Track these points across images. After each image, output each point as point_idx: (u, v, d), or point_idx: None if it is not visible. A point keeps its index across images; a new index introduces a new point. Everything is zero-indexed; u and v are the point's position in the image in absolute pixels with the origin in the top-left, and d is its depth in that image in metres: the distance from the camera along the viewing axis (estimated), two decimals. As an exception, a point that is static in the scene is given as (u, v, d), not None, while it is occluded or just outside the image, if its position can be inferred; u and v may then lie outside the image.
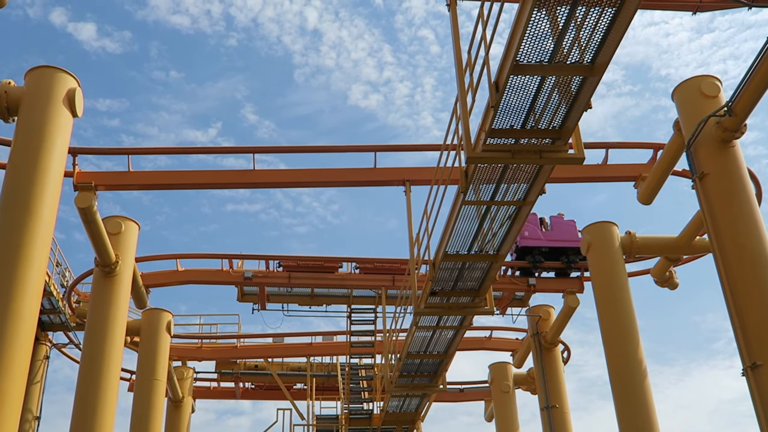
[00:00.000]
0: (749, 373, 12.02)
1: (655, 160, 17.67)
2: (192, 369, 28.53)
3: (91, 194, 16.47)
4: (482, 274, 13.93)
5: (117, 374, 17.06)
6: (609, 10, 7.87)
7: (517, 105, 9.18)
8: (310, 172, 17.76)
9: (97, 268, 17.60)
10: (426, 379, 19.98)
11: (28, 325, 11.52)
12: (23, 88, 13.27)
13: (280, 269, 23.18)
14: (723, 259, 12.87)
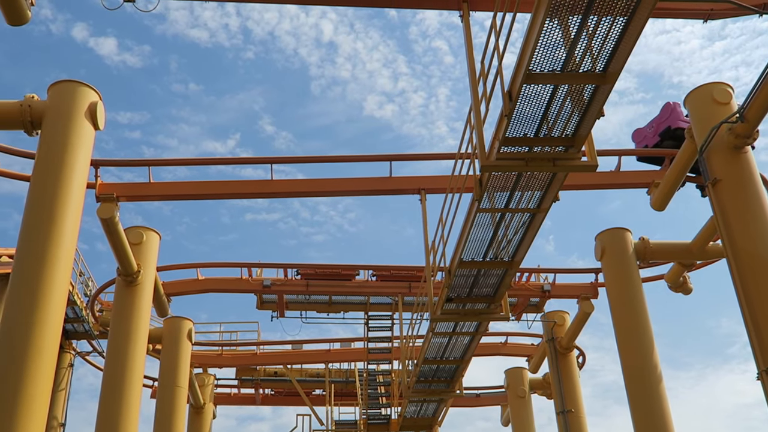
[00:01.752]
0: (764, 377, 11.95)
1: (667, 166, 17.58)
2: (213, 376, 28.60)
3: (113, 205, 16.56)
4: (497, 280, 13.89)
5: (140, 381, 17.11)
6: (620, 19, 7.84)
7: (530, 113, 9.16)
8: (327, 182, 17.79)
9: (120, 277, 17.69)
10: (443, 384, 19.93)
11: (53, 334, 11.58)
12: (46, 102, 13.37)
13: (298, 277, 23.21)
14: (737, 264, 12.80)
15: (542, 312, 24.57)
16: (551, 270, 23.92)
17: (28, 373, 10.97)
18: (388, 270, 23.49)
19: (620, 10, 7.73)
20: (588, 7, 7.73)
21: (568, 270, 23.95)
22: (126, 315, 17.34)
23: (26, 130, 13.42)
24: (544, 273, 23.97)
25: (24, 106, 13.30)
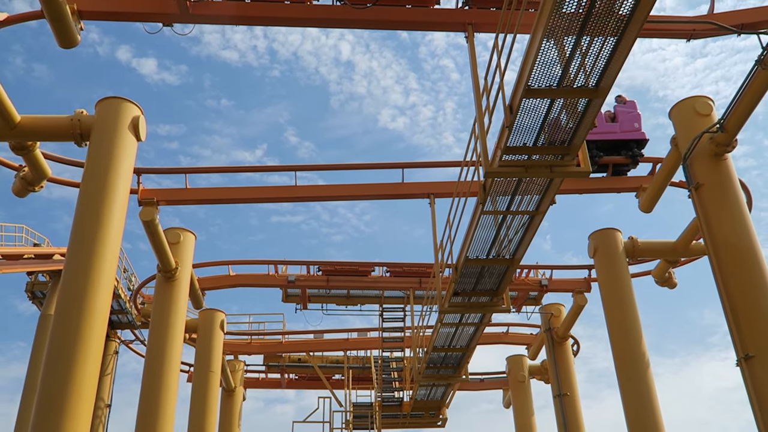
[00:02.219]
0: (743, 363, 11.88)
1: (654, 172, 17.51)
2: (243, 362, 28.64)
3: (154, 209, 16.65)
4: (500, 276, 13.88)
5: (177, 367, 17.18)
6: (611, 39, 7.84)
7: (529, 125, 9.17)
8: (345, 187, 17.82)
9: (159, 273, 17.78)
10: (450, 370, 19.91)
11: (100, 324, 11.65)
12: (94, 116, 13.44)
13: (319, 273, 23.25)
14: (718, 261, 12.74)
15: (540, 305, 24.52)
16: (548, 266, 23.86)
17: (78, 359, 11.04)
18: (401, 267, 23.50)
19: (611, 31, 7.73)
20: (581, 29, 7.73)
21: (564, 266, 23.88)
22: (165, 307, 17.42)
23: (76, 141, 13.49)
24: (542, 269, 23.90)
25: (74, 120, 13.38)
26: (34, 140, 14.12)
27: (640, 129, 18.61)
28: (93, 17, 12.25)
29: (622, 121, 18.83)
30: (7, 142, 14.01)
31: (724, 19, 12.96)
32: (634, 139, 18.49)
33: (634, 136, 18.53)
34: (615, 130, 18.57)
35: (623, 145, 18.37)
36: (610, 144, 18.30)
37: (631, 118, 18.90)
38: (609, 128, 18.61)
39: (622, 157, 18.44)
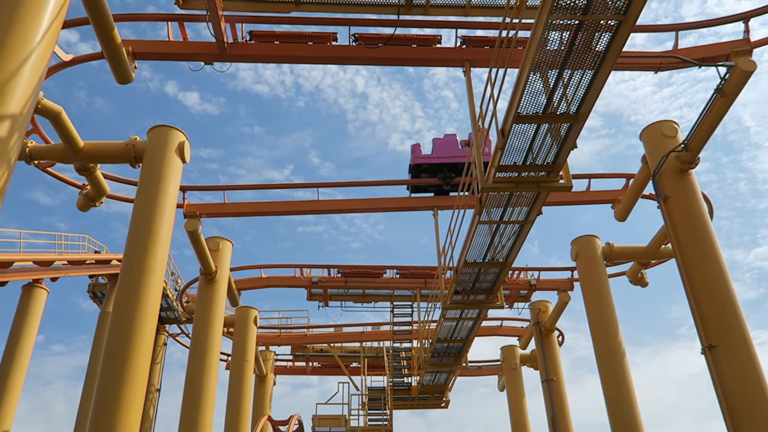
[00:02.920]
0: (707, 352, 11.83)
1: (627, 186, 17.44)
2: (273, 352, 28.65)
3: (197, 221, 16.72)
4: (494, 277, 13.82)
5: (217, 357, 17.20)
6: (589, 72, 7.83)
7: (519, 146, 9.15)
8: (360, 201, 17.84)
9: (202, 276, 17.83)
10: (452, 358, 19.80)
11: (151, 320, 11.69)
12: (146, 142, 13.54)
13: (338, 275, 23.24)
14: (684, 263, 12.68)
15: (530, 301, 24.39)
16: (536, 268, 23.75)
17: (132, 349, 11.08)
18: (409, 269, 23.47)
19: (588, 65, 7.73)
20: (563, 64, 7.73)
21: (550, 268, 23.78)
22: (206, 305, 17.46)
23: (131, 163, 13.59)
24: (531, 271, 23.79)
25: (129, 145, 13.49)
26: (95, 163, 14.25)
27: (489, 153, 18.38)
28: (145, 57, 12.36)
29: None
30: (72, 164, 14.15)
31: (686, 53, 12.93)
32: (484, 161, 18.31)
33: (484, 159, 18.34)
34: (466, 154, 18.50)
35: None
36: (461, 166, 18.22)
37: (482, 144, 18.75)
38: (462, 152, 18.67)
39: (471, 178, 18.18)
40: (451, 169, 18.22)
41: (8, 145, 7.24)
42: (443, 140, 19.05)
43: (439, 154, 18.42)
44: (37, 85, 7.78)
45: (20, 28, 7.61)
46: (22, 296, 21.58)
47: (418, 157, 18.18)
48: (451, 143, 19.02)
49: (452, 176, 18.15)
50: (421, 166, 18.06)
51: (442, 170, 18.16)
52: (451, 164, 18.20)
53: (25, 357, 20.67)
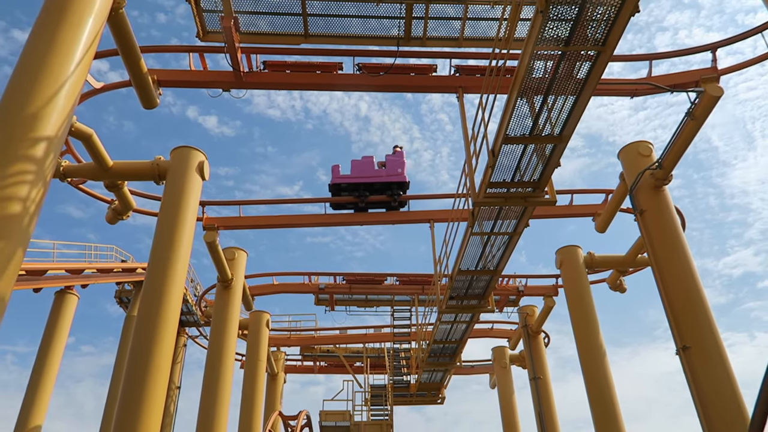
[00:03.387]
0: (681, 353, 11.76)
1: (607, 201, 17.43)
2: (284, 353, 28.51)
3: (215, 233, 16.72)
4: (486, 283, 13.78)
5: (232, 356, 17.12)
6: (571, 98, 7.86)
7: (507, 165, 9.16)
8: (364, 215, 17.83)
9: (219, 283, 17.80)
10: (447, 358, 19.69)
11: (172, 323, 11.66)
12: (169, 161, 13.57)
13: (344, 282, 23.19)
14: (659, 270, 12.64)
15: (518, 306, 24.31)
16: (524, 276, 23.69)
17: (155, 350, 11.04)
18: (408, 277, 23.41)
19: (571, 91, 7.75)
20: (547, 90, 7.76)
21: (536, 276, 23.68)
22: (223, 309, 17.41)
23: (155, 180, 13.61)
24: (519, 278, 23.73)
25: (154, 164, 13.52)
26: (123, 180, 14.27)
27: (402, 174, 18.13)
28: (168, 85, 12.42)
29: (389, 168, 18.43)
30: (102, 181, 14.17)
31: (660, 80, 12.97)
32: (396, 181, 18.08)
33: (396, 179, 18.09)
34: (382, 174, 18.16)
35: (387, 187, 18.00)
36: (376, 186, 17.93)
37: (396, 165, 18.42)
38: (377, 173, 18.26)
39: (385, 196, 17.98)
40: (367, 188, 17.90)
41: (44, 164, 7.26)
42: (361, 162, 18.67)
43: (356, 174, 18.05)
44: (71, 110, 7.82)
45: (56, 58, 7.67)
46: (54, 302, 21.55)
47: (336, 177, 17.97)
48: (368, 164, 18.65)
49: (367, 195, 17.83)
50: (340, 185, 17.78)
51: (358, 189, 17.90)
52: (367, 184, 17.91)
53: (57, 357, 20.61)
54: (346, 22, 11.74)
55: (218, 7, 11.20)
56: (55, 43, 7.74)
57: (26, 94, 7.32)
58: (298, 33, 11.91)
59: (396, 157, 18.67)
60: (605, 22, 6.94)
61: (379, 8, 11.37)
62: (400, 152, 19.01)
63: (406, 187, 18.09)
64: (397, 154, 18.94)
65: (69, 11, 8.05)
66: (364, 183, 17.89)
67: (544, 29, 7.00)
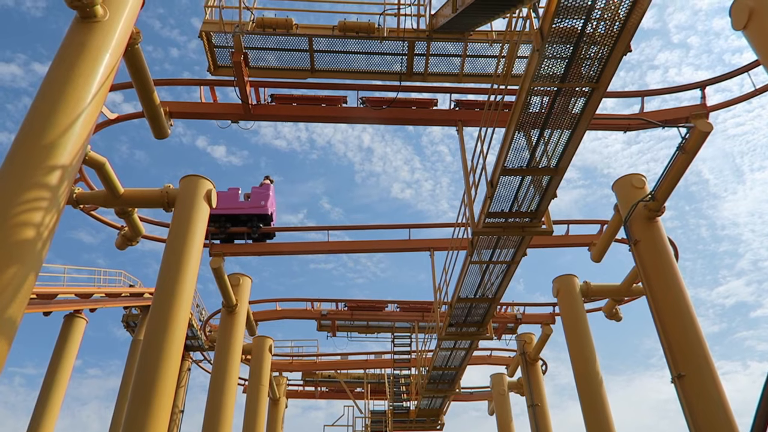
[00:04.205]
0: (676, 380, 11.61)
1: (602, 231, 17.43)
2: (285, 378, 28.21)
3: (220, 259, 16.68)
4: (484, 311, 13.72)
5: (236, 381, 16.92)
6: (566, 131, 7.94)
7: (505, 195, 9.21)
8: (366, 243, 17.84)
9: (223, 308, 17.70)
10: (446, 385, 19.48)
11: (178, 347, 11.57)
12: (178, 189, 13.61)
13: (345, 308, 23.05)
14: (653, 300, 12.57)
15: (516, 333, 24.11)
16: (522, 304, 23.57)
17: (160, 373, 10.93)
18: (408, 304, 23.26)
19: (566, 125, 7.84)
20: (544, 124, 7.85)
21: (534, 304, 23.56)
22: (227, 334, 17.27)
23: (164, 208, 13.63)
24: (517, 306, 23.62)
25: (163, 192, 13.57)
26: (133, 207, 14.31)
27: (265, 206, 17.89)
28: (180, 117, 12.57)
29: (253, 200, 18.23)
30: (113, 208, 14.23)
31: (651, 116, 13.11)
32: (257, 214, 17.89)
33: (258, 211, 17.93)
34: (245, 206, 17.88)
35: (249, 219, 17.78)
36: (237, 218, 17.65)
37: (260, 198, 18.18)
38: (240, 205, 17.98)
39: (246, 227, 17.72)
40: (229, 219, 17.68)
41: (59, 192, 7.32)
42: (226, 193, 18.40)
43: (220, 206, 17.64)
44: (86, 140, 7.91)
45: (74, 90, 7.79)
46: (63, 325, 21.43)
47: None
48: (232, 196, 18.44)
49: (229, 226, 17.55)
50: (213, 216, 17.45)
51: (219, 221, 17.67)
52: (229, 215, 17.67)
53: (64, 380, 20.41)
54: (350, 58, 11.93)
55: (229, 43, 11.40)
56: (73, 76, 7.87)
57: (44, 125, 7.42)
58: (305, 68, 12.10)
59: (262, 190, 18.49)
60: (599, 60, 7.05)
61: (382, 45, 11.57)
62: (267, 185, 18.87)
63: (270, 220, 17.83)
64: (264, 186, 18.78)
65: (87, 46, 8.21)
66: (226, 215, 17.68)
67: (540, 67, 7.12)
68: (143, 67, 10.50)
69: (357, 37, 11.36)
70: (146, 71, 10.65)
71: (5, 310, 6.54)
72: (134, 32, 9.54)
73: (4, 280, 6.57)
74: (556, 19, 6.58)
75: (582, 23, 6.66)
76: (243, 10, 11.03)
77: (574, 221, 18.09)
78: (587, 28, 6.70)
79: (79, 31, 8.37)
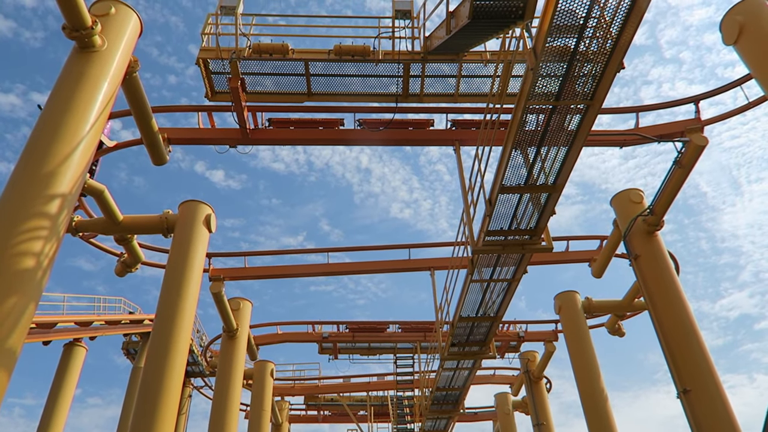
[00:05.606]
0: (682, 396, 11.51)
1: (602, 247, 17.42)
2: (288, 402, 27.93)
3: (221, 284, 16.64)
4: (486, 330, 13.64)
5: (237, 407, 16.75)
6: (563, 148, 7.97)
7: (504, 213, 9.21)
8: (366, 264, 17.81)
9: (224, 333, 17.60)
10: (450, 405, 19.29)
11: (178, 374, 11.48)
12: (177, 215, 13.64)
13: (346, 330, 22.93)
14: (656, 314, 12.51)
15: (519, 351, 23.96)
16: (524, 321, 23.48)
17: (161, 401, 10.82)
18: (410, 324, 23.16)
19: (562, 142, 7.88)
20: (540, 141, 7.89)
21: (536, 321, 23.46)
22: (228, 359, 17.15)
23: (163, 234, 13.65)
24: (519, 324, 23.52)
25: (162, 217, 13.59)
26: (133, 234, 14.30)
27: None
28: (178, 143, 12.63)
29: None
30: (112, 235, 14.22)
31: (647, 131, 13.19)
32: None
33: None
34: None
35: None
36: None
37: None
38: None
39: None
40: None
41: (58, 221, 7.32)
42: None
43: None
44: (85, 168, 7.94)
45: (73, 119, 7.84)
46: (63, 354, 21.26)
47: None
48: None
49: None
50: None
51: None
52: None
53: (64, 410, 20.17)
54: (347, 81, 12.04)
55: (226, 69, 11.51)
56: (72, 105, 7.93)
57: (43, 154, 7.45)
58: (302, 92, 12.20)
59: None
60: (593, 77, 7.12)
61: (378, 67, 11.68)
62: None
63: None
64: None
65: (86, 76, 8.29)
66: None
67: (535, 85, 7.18)
68: (141, 95, 10.58)
69: (352, 60, 11.48)
70: (144, 99, 10.73)
71: (5, 341, 6.50)
72: (132, 61, 9.64)
73: (4, 310, 6.54)
74: (549, 38, 6.66)
75: (575, 42, 6.73)
76: (239, 37, 11.16)
77: (573, 237, 18.08)
78: (580, 46, 6.77)
79: (77, 61, 8.45)
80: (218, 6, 11.19)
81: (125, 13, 9.39)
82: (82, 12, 8.29)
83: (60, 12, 8.21)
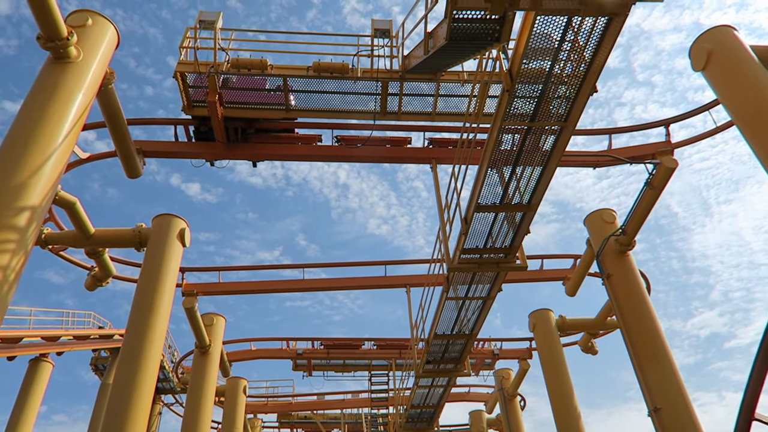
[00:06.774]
0: (653, 414, 11.62)
1: (575, 266, 17.62)
2: (260, 420, 27.49)
3: (194, 299, 16.39)
4: (461, 347, 13.66)
5: (208, 425, 16.41)
6: (538, 168, 8.09)
7: (480, 231, 9.28)
8: (342, 280, 17.72)
9: (196, 349, 17.29)
10: (425, 423, 19.18)
11: (148, 390, 11.22)
12: (151, 229, 13.43)
13: (321, 347, 22.74)
14: (628, 333, 12.66)
15: (494, 369, 23.99)
16: (499, 339, 23.55)
17: (130, 418, 10.54)
18: (385, 341, 23.07)
19: (537, 162, 8.00)
20: (516, 161, 8.00)
21: (511, 339, 23.56)
22: (200, 376, 16.82)
23: (136, 247, 13.42)
24: (494, 341, 23.56)
25: (135, 231, 13.38)
26: (105, 247, 14.04)
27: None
28: (153, 156, 12.47)
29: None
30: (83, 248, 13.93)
31: (619, 152, 13.44)
32: None
33: None
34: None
35: None
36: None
37: None
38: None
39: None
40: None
41: (27, 234, 7.15)
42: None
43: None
44: (57, 180, 7.79)
45: (45, 130, 7.71)
46: (28, 370, 20.65)
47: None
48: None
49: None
50: None
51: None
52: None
53: (28, 427, 19.54)
54: (326, 98, 12.07)
55: (204, 83, 11.45)
56: (45, 116, 7.79)
57: (14, 165, 7.30)
58: (280, 107, 12.18)
59: None
60: (567, 99, 7.26)
61: (356, 85, 11.74)
62: None
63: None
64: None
65: (60, 87, 8.16)
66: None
67: (510, 106, 7.29)
68: (117, 107, 10.44)
69: (331, 77, 11.52)
70: (120, 111, 10.59)
71: (-33, 356, 6.30)
72: (108, 72, 9.52)
73: (-34, 325, 6.34)
74: (524, 60, 6.78)
75: (549, 64, 6.87)
76: (218, 51, 11.12)
77: (548, 256, 18.24)
78: (555, 68, 6.91)
79: (51, 71, 8.33)
80: (197, 20, 11.16)
81: (102, 25, 9.29)
82: (57, 22, 8.19)
83: (35, 21, 8.10)
